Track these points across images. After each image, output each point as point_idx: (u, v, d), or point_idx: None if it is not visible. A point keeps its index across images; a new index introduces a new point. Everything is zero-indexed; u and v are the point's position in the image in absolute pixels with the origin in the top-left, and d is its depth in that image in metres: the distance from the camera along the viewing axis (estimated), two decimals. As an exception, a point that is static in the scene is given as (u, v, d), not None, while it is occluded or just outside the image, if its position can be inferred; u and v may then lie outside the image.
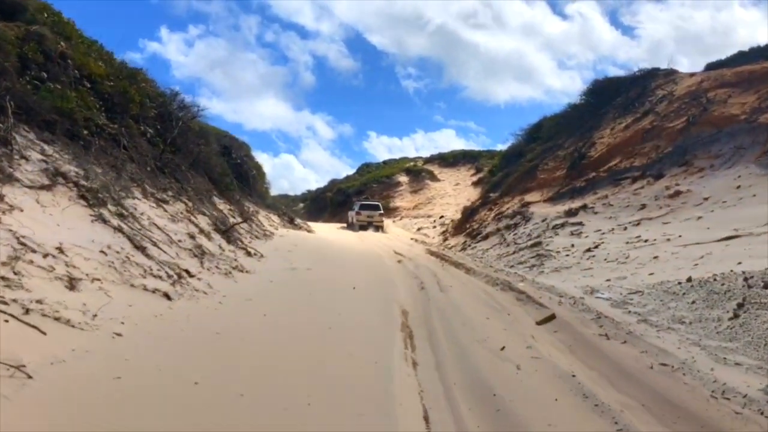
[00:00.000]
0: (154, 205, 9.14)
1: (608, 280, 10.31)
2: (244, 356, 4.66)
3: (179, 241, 8.02)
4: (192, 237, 8.56)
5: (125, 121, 9.87)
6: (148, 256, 6.45)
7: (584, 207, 16.60)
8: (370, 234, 26.84)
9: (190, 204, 10.79)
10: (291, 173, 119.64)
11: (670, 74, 21.86)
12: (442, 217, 33.18)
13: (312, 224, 31.24)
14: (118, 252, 6.02)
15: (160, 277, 6.12)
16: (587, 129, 22.65)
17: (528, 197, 20.48)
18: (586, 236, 14.55)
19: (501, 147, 42.78)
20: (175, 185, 11.04)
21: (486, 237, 18.66)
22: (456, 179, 43.50)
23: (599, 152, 19.56)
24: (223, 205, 14.33)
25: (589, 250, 13.16)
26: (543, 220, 17.04)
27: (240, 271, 8.33)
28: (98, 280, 5.31)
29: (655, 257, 11.34)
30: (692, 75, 20.82)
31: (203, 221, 10.47)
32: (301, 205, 57.23)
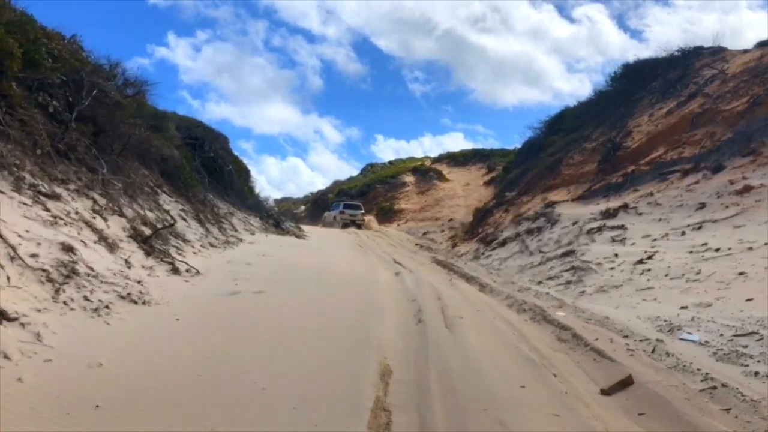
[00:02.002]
0: (28, 201, 6.26)
1: (685, 307, 7.25)
2: None
3: (33, 255, 5.10)
4: (69, 249, 5.63)
5: (1, 83, 6.99)
6: None
7: (625, 207, 13.52)
8: (372, 240, 24.06)
9: (103, 201, 7.90)
10: (298, 176, 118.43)
11: (718, 52, 18.71)
12: (450, 220, 30.20)
13: (310, 228, 28.44)
14: None
15: None
16: (618, 117, 19.59)
17: (552, 196, 17.42)
18: (633, 243, 11.48)
19: (514, 146, 39.63)
20: (87, 175, 8.16)
21: (503, 243, 15.61)
22: (466, 179, 40.39)
23: (637, 142, 16.47)
24: (173, 204, 11.45)
25: (641, 261, 10.09)
26: (574, 223, 13.97)
27: (134, 303, 5.38)
28: None
29: (741, 273, 8.25)
30: (746, 51, 17.67)
31: (117, 225, 7.56)
32: (303, 207, 54.46)
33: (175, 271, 7.28)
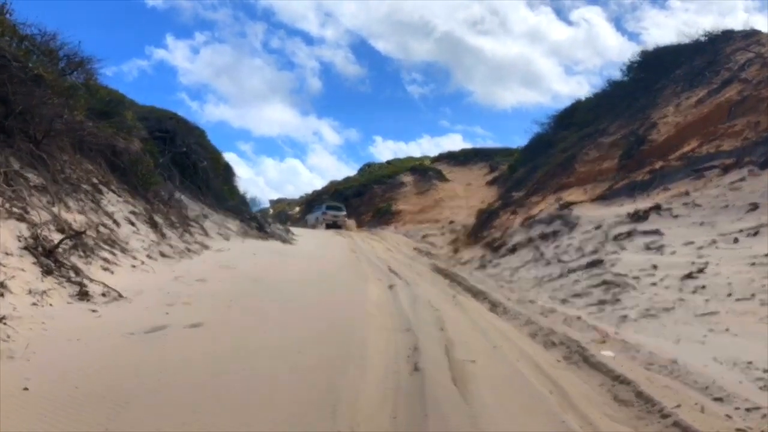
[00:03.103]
0: None
1: (780, 345, 5.32)
2: None
3: None
4: None
5: None
6: None
7: (656, 208, 11.60)
8: (367, 243, 22.23)
9: (-3, 201, 5.97)
10: (297, 178, 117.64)
11: (751, 35, 16.81)
12: (451, 222, 28.24)
13: (302, 230, 26.56)
14: None
15: None
16: (638, 109, 17.69)
17: (567, 196, 15.50)
18: (673, 252, 9.55)
19: (517, 146, 37.70)
20: (-21, 168, 6.22)
21: (513, 250, 13.69)
22: (467, 179, 38.49)
23: (664, 135, 14.57)
24: (121, 205, 9.52)
25: (689, 275, 8.15)
26: (597, 227, 12.04)
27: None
28: None
29: (838, 295, 6.33)
30: (784, 33, 15.80)
31: (9, 233, 5.62)
32: (297, 209, 52.52)
33: (84, 295, 5.34)
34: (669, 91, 17.11)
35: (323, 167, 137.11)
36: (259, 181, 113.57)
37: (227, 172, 19.78)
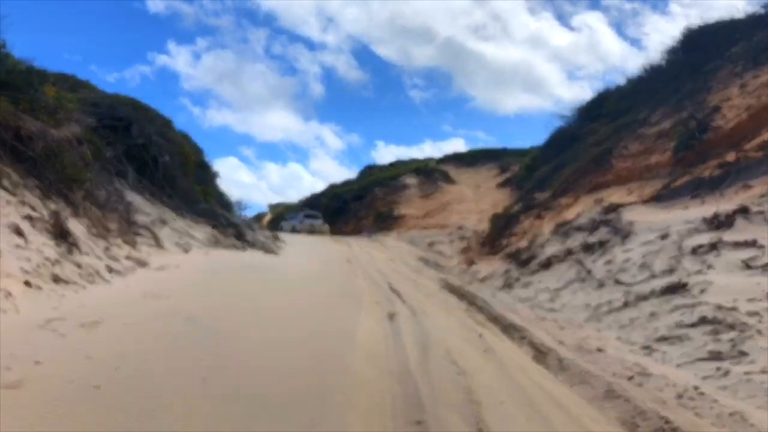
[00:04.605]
0: None
1: None
2: None
3: None
4: None
5: None
6: None
7: (743, 211, 8.79)
8: (366, 253, 19.60)
9: None
10: (299, 182, 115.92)
11: (827, 3, 14.02)
12: (460, 228, 25.45)
13: (291, 238, 23.80)
14: None
15: None
16: (687, 93, 14.92)
17: (609, 196, 12.70)
18: (792, 272, 6.72)
19: (530, 145, 34.84)
20: None
21: (548, 265, 10.87)
22: (476, 181, 35.67)
23: (732, 121, 11.77)
24: (11, 208, 6.74)
25: None
26: (662, 236, 9.22)
27: None
28: None
29: None
30: None
31: None
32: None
33: None
34: (725, 71, 14.32)
35: (325, 172, 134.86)
36: (262, 185, 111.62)
37: (203, 170, 17.01)
